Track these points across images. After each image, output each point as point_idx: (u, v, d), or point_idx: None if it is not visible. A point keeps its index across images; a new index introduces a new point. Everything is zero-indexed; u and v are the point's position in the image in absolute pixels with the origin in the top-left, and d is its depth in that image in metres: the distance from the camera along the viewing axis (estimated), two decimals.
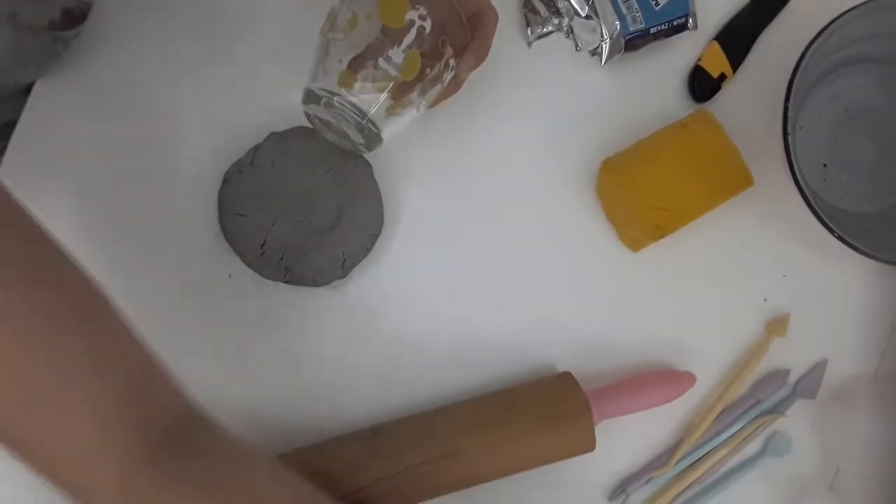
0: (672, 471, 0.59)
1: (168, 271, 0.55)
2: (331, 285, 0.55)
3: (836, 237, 0.54)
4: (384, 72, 0.47)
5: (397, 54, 0.47)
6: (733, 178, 0.57)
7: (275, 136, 0.55)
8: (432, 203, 0.59)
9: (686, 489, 0.60)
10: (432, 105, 0.52)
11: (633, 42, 0.59)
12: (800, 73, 0.53)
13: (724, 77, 0.61)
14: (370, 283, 0.57)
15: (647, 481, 0.59)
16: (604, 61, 0.60)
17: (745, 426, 0.61)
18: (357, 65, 0.47)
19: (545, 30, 0.61)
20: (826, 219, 0.53)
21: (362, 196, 0.56)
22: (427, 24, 0.47)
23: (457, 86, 0.52)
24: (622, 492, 0.59)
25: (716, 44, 0.62)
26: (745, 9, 0.63)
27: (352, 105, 0.47)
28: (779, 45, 0.63)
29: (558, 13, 0.60)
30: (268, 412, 0.55)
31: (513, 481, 0.55)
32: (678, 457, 0.59)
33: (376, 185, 0.56)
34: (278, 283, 0.55)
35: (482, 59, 0.51)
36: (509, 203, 0.59)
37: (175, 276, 0.55)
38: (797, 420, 0.62)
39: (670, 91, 0.62)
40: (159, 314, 0.54)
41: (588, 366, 0.58)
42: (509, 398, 0.55)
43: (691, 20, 0.60)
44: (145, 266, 0.55)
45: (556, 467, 0.55)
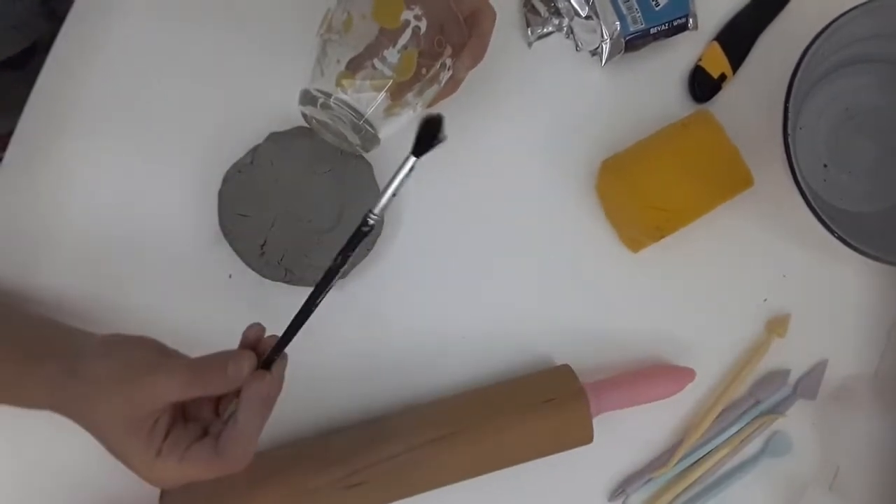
0: (672, 471, 0.59)
1: (168, 271, 0.55)
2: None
3: (836, 237, 0.54)
4: (380, 72, 0.47)
5: (393, 54, 0.47)
6: (733, 179, 0.57)
7: (275, 137, 0.55)
8: (432, 203, 0.59)
9: (686, 489, 0.60)
10: (430, 105, 0.51)
11: (633, 42, 0.59)
12: (800, 73, 0.53)
13: (724, 77, 0.61)
14: (370, 283, 0.57)
15: (647, 481, 0.59)
16: (604, 62, 0.60)
17: (745, 426, 0.61)
18: (355, 65, 0.47)
19: (545, 30, 0.61)
20: (826, 219, 0.53)
21: (362, 196, 0.56)
22: (423, 24, 0.47)
23: (454, 86, 0.52)
24: (622, 492, 0.59)
25: (716, 44, 0.62)
26: (746, 9, 0.63)
27: (348, 106, 0.47)
28: (779, 45, 0.62)
29: (558, 13, 0.60)
30: None
31: (513, 481, 0.55)
32: (678, 457, 0.59)
33: (376, 185, 0.56)
34: (278, 283, 0.55)
35: (479, 59, 0.51)
36: (509, 203, 0.59)
37: (175, 276, 0.55)
38: (797, 420, 0.62)
39: (670, 91, 0.62)
40: (159, 314, 0.55)
41: (588, 365, 0.58)
42: (506, 386, 0.56)
43: (691, 20, 0.60)
44: (145, 266, 0.55)
45: (556, 467, 0.55)
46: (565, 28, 0.60)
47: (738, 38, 0.62)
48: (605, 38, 0.59)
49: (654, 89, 0.62)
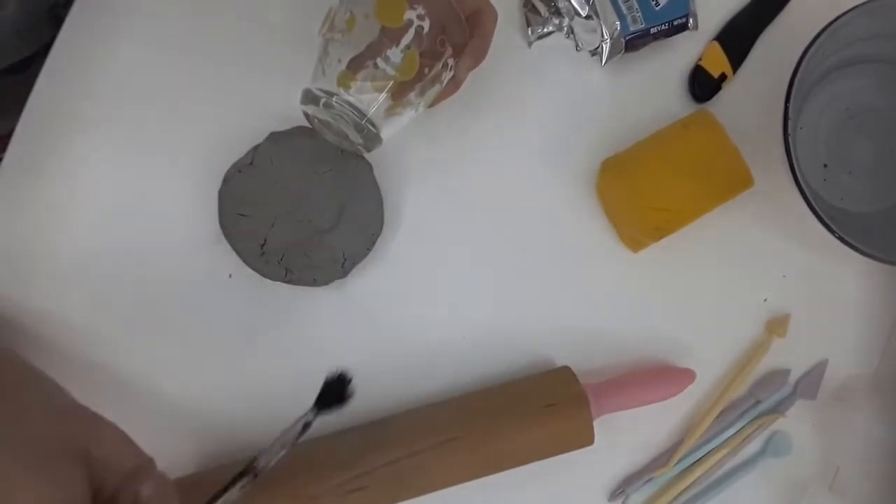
0: (672, 471, 0.60)
1: (168, 271, 0.55)
2: (331, 285, 0.55)
3: (837, 237, 0.54)
4: (383, 72, 0.47)
5: (395, 54, 0.47)
6: (733, 179, 0.57)
7: (275, 136, 0.55)
8: (432, 203, 0.59)
9: (686, 489, 0.60)
10: (432, 105, 0.52)
11: (633, 42, 0.59)
12: (800, 73, 0.53)
13: (724, 77, 0.61)
14: (370, 283, 0.57)
15: (647, 481, 0.59)
16: (604, 61, 0.60)
17: (745, 426, 0.61)
18: (357, 65, 0.47)
19: (545, 30, 0.61)
20: (826, 219, 0.53)
21: (362, 196, 0.56)
22: (425, 24, 0.47)
23: (456, 86, 0.51)
24: (622, 492, 0.59)
25: (716, 44, 0.62)
26: (746, 9, 0.63)
27: (350, 105, 0.47)
28: (779, 45, 0.62)
29: (559, 13, 0.60)
30: (268, 411, 0.55)
31: (513, 481, 0.55)
32: (678, 457, 0.59)
33: (376, 185, 0.56)
34: (278, 283, 0.55)
35: (481, 59, 0.51)
36: (509, 203, 0.59)
37: (175, 276, 0.55)
38: (797, 420, 0.62)
39: (670, 91, 0.62)
40: (159, 314, 0.55)
41: (588, 365, 0.58)
42: (507, 389, 0.56)
43: (691, 20, 0.60)
44: (145, 266, 0.55)
45: (556, 467, 0.55)
46: (565, 28, 0.60)
47: (738, 38, 0.62)
48: (605, 37, 0.59)
49: (654, 89, 0.62)
